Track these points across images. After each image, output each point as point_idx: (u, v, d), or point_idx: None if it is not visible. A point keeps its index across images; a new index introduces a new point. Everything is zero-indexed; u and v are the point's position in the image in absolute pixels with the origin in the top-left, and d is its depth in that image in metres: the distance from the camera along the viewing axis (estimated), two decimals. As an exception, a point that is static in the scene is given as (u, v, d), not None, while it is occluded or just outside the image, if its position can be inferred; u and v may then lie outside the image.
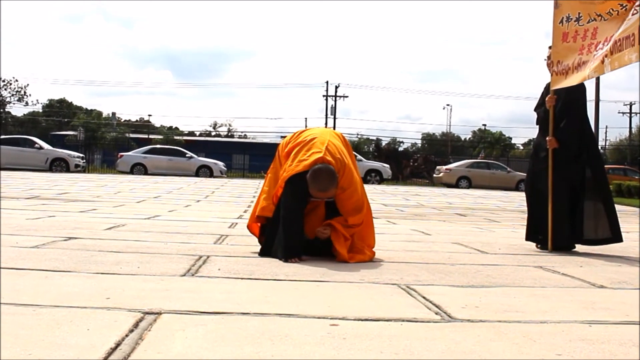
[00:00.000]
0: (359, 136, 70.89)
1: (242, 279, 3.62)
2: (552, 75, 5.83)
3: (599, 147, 6.23)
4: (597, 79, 31.71)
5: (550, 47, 6.00)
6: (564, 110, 5.81)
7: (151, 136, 62.27)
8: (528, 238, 6.07)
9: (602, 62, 5.28)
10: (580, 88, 5.81)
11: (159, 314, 2.61)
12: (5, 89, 65.07)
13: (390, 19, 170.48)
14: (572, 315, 2.97)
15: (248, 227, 5.23)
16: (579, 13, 5.64)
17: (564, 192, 5.74)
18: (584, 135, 5.85)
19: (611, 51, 5.23)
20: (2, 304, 2.66)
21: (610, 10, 5.41)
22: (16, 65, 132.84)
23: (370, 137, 72.47)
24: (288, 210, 4.58)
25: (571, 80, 5.63)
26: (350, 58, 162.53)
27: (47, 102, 79.74)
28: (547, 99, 5.88)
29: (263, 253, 4.68)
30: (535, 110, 6.27)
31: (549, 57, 6.00)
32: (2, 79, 64.00)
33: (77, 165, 31.00)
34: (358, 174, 4.89)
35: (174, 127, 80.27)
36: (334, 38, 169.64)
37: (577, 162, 5.76)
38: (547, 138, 5.82)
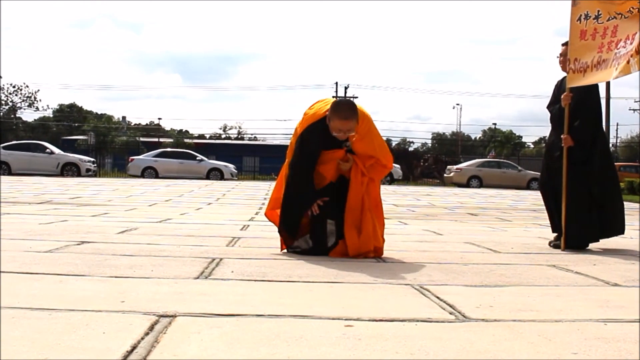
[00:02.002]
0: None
1: (255, 281, 3.62)
2: (568, 72, 5.77)
3: (609, 145, 6.21)
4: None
5: (563, 44, 5.97)
6: (578, 108, 5.77)
7: (161, 140, 62.50)
8: (555, 231, 6.06)
9: (628, 62, 5.24)
10: (594, 85, 5.77)
11: (174, 316, 2.62)
12: (16, 95, 65.50)
13: (399, 20, 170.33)
14: (586, 313, 2.96)
15: (266, 214, 5.29)
16: (598, 11, 5.60)
17: (578, 191, 5.71)
18: (598, 134, 5.83)
19: (636, 51, 5.20)
20: (17, 308, 2.68)
21: (631, 9, 5.38)
22: (26, 71, 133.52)
23: (380, 138, 72.24)
24: (299, 159, 4.76)
25: (592, 79, 5.58)
26: (360, 59, 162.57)
27: (58, 107, 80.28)
28: (562, 96, 5.83)
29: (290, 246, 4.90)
30: (548, 108, 6.23)
31: (561, 55, 5.97)
32: (13, 85, 64.40)
33: (88, 170, 31.12)
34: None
35: (184, 130, 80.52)
36: (343, 39, 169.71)
37: (591, 160, 5.74)
38: (562, 136, 5.79)
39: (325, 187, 4.81)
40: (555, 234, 6.00)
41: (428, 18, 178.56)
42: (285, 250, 4.93)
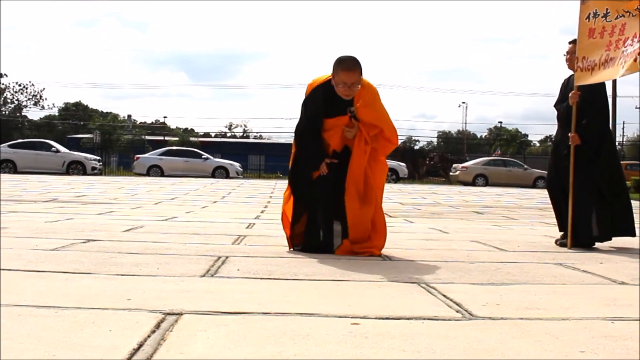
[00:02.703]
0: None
1: (261, 279, 3.62)
2: (576, 71, 5.76)
3: (616, 144, 6.19)
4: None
5: (570, 42, 5.96)
6: (585, 106, 5.75)
7: (167, 138, 62.49)
8: (562, 229, 6.04)
9: (635, 60, 5.23)
10: (601, 83, 5.75)
11: (180, 314, 2.62)
12: (22, 93, 65.73)
13: (404, 18, 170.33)
14: (593, 312, 2.95)
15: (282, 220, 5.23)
16: (607, 9, 5.59)
17: (585, 189, 5.69)
18: (605, 132, 5.81)
19: None
20: (23, 306, 2.69)
21: (638, 7, 5.37)
22: (32, 70, 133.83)
23: (386, 136, 72.16)
24: (305, 121, 4.80)
25: (599, 77, 5.57)
26: (365, 57, 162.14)
27: (63, 106, 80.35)
28: (570, 95, 5.80)
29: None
30: (555, 106, 6.21)
31: (568, 52, 5.95)
32: (19, 83, 64.63)
33: (93, 168, 31.18)
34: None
35: (189, 128, 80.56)
36: (348, 38, 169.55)
37: (598, 158, 5.72)
38: (569, 134, 5.77)
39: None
40: (562, 233, 5.99)
41: (433, 16, 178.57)
42: (291, 249, 4.93)
